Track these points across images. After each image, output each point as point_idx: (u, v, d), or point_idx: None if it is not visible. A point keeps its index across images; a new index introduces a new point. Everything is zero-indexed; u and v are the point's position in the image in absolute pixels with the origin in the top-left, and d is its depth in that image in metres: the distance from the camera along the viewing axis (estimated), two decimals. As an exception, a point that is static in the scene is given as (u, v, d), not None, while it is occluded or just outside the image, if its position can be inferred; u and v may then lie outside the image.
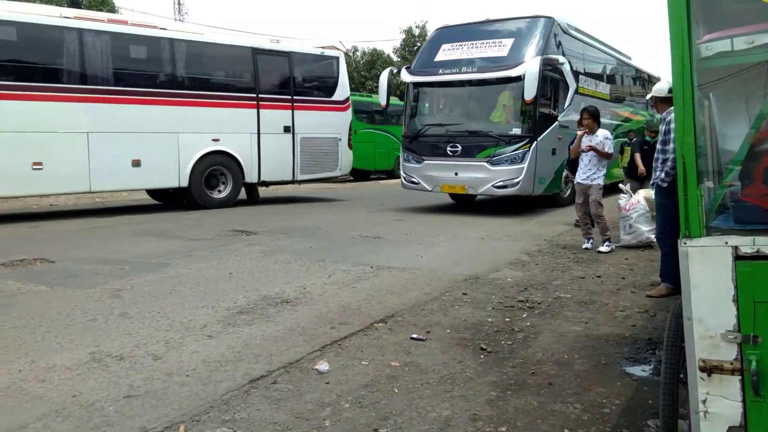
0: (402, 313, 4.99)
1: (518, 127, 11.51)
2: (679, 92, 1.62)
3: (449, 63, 12.12)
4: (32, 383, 3.49)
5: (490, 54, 11.74)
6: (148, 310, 5.04)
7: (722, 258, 1.60)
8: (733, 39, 1.72)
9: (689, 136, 1.61)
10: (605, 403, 3.24)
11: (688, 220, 1.63)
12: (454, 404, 3.25)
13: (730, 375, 1.59)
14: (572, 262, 7.15)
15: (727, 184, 1.73)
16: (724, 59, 1.73)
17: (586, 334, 4.46)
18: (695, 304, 1.64)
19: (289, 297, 5.44)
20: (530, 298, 5.45)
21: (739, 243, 1.60)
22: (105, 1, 31.54)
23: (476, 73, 11.71)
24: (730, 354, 1.60)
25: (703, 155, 1.71)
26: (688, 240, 1.65)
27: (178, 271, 6.60)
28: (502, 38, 11.90)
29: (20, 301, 5.40)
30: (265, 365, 3.80)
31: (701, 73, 1.72)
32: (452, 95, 12.75)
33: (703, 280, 1.63)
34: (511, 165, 11.27)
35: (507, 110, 11.67)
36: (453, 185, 11.82)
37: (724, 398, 1.60)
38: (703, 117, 2.01)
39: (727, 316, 1.60)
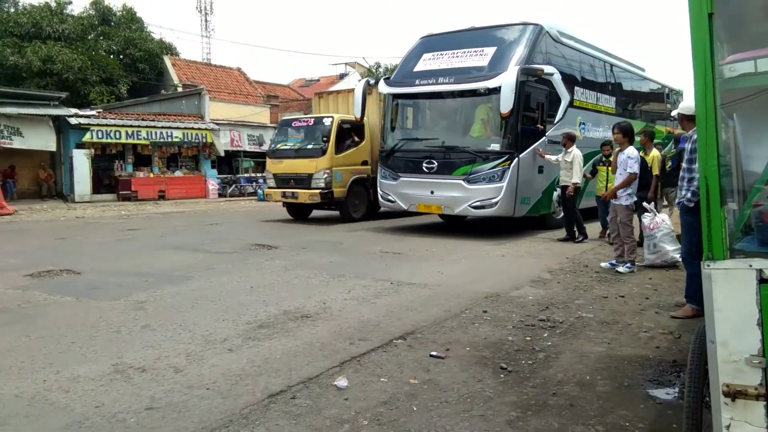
0: (422, 330, 4.97)
1: (497, 142, 10.63)
2: (702, 114, 1.60)
3: (427, 74, 11.33)
4: (56, 393, 3.55)
5: (470, 64, 10.93)
6: (171, 322, 5.10)
7: (746, 281, 1.58)
8: (756, 60, 1.70)
9: (712, 158, 1.60)
10: (628, 427, 3.18)
11: (711, 242, 1.61)
12: (473, 424, 3.21)
13: (754, 400, 1.56)
14: (595, 281, 7.06)
15: (754, 204, 1.70)
16: (748, 80, 1.72)
17: (608, 354, 4.39)
18: (719, 328, 1.61)
19: (309, 312, 5.46)
20: (552, 317, 5.39)
21: (763, 266, 1.57)
22: (134, 18, 32.27)
23: (453, 84, 10.87)
24: (755, 379, 1.57)
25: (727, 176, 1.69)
26: (711, 262, 1.63)
27: (200, 284, 6.67)
28: (485, 47, 11.06)
29: (47, 311, 5.50)
30: (284, 380, 3.81)
31: (725, 94, 1.71)
32: (429, 108, 12.00)
33: (727, 303, 1.60)
34: (489, 183, 10.44)
35: (486, 124, 10.90)
36: (429, 204, 11.10)
37: (749, 424, 1.56)
38: (728, 138, 1.99)
39: (751, 341, 1.57)
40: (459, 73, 10.86)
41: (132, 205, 20.78)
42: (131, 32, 31.05)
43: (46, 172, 22.53)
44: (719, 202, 1.60)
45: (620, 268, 7.55)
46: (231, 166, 27.86)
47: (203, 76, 30.84)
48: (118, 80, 29.07)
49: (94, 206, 19.76)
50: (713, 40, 1.59)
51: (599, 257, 8.57)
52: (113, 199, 22.20)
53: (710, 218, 1.60)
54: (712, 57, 1.58)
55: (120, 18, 31.89)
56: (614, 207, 7.73)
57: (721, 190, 1.60)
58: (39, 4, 29.01)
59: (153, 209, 19.26)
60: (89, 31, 30.54)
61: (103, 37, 30.99)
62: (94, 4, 31.28)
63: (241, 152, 27.57)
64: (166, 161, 24.88)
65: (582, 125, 12.94)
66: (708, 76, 1.58)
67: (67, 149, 21.94)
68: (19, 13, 28.84)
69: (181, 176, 24.65)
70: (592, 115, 13.46)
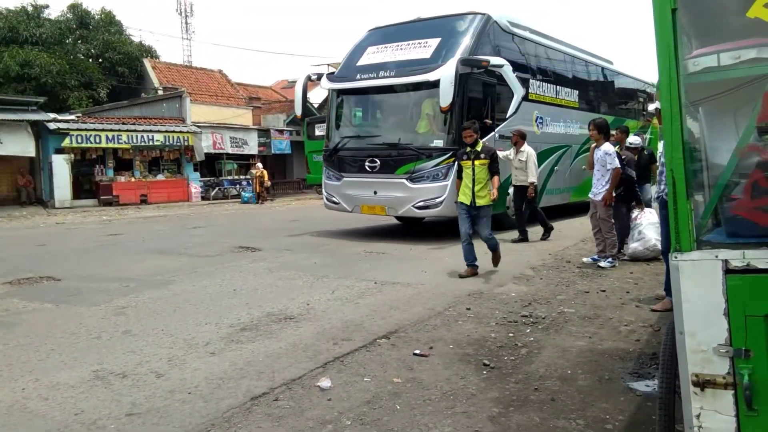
0: (405, 328, 4.97)
1: (440, 138, 10.03)
2: (666, 108, 1.63)
3: (368, 68, 10.76)
4: (35, 401, 3.51)
5: (412, 56, 10.33)
6: (152, 327, 5.06)
7: (713, 272, 1.60)
8: (719, 54, 1.73)
9: (678, 151, 1.62)
10: (608, 419, 3.21)
11: (679, 234, 1.64)
12: (456, 421, 3.23)
13: (723, 389, 1.59)
14: (577, 277, 7.12)
15: (720, 197, 1.73)
16: (712, 74, 1.74)
17: (589, 349, 4.43)
18: (687, 318, 1.63)
19: (293, 313, 5.45)
20: (534, 313, 5.43)
21: (729, 257, 1.60)
22: (113, 21, 31.94)
23: (393, 77, 10.28)
24: (723, 368, 1.59)
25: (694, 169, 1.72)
26: (679, 254, 1.65)
27: (182, 288, 6.62)
28: (429, 38, 10.48)
29: (26, 319, 5.43)
30: (267, 382, 3.79)
31: (689, 88, 1.73)
32: (371, 104, 11.41)
33: (694, 294, 1.63)
34: (433, 182, 9.84)
35: (431, 120, 10.25)
36: (372, 205, 10.46)
37: (718, 413, 1.59)
38: (694, 131, 2.02)
39: (718, 330, 1.60)
40: (400, 66, 10.32)
41: (113, 210, 20.57)
42: (110, 35, 30.75)
43: (24, 178, 22.21)
44: (686, 194, 1.62)
45: (602, 263, 7.62)
46: (214, 168, 27.69)
47: (184, 78, 30.60)
48: (98, 84, 28.77)
49: (74, 212, 19.52)
50: (677, 35, 1.61)
51: (581, 253, 8.65)
52: (94, 205, 21.96)
53: (677, 211, 1.63)
54: (676, 52, 1.61)
55: (98, 21, 31.55)
56: (593, 203, 7.80)
57: (688, 183, 1.63)
58: (15, 8, 28.63)
59: (135, 214, 19.08)
60: (67, 34, 30.18)
61: (82, 41, 30.66)
62: (71, 8, 30.93)
63: (224, 155, 27.40)
64: (148, 165, 24.65)
65: (539, 120, 12.45)
66: (672, 71, 1.60)
67: (46, 155, 21.67)
68: (-6, 17, 28.42)
69: (164, 180, 24.45)
70: (551, 110, 12.91)
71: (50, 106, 24.07)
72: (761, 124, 1.64)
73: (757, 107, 1.63)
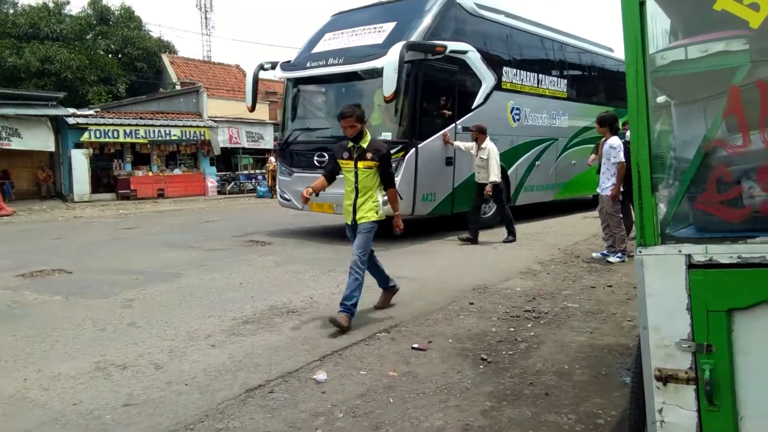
0: (406, 322, 4.98)
1: (389, 130, 9.27)
2: (633, 102, 1.61)
3: (320, 55, 10.06)
4: (36, 391, 3.58)
5: (366, 42, 9.61)
6: (157, 319, 5.12)
7: (676, 266, 1.58)
8: (687, 48, 1.70)
9: (643, 146, 1.60)
10: (600, 414, 3.19)
11: (643, 229, 1.62)
12: (447, 414, 3.23)
13: (685, 384, 1.57)
14: (585, 272, 7.06)
15: (685, 192, 1.71)
16: (679, 68, 1.72)
17: (589, 344, 4.40)
18: (651, 313, 1.62)
19: (296, 307, 5.48)
20: (537, 308, 5.40)
21: (692, 251, 1.58)
22: (132, 17, 32.29)
23: (341, 65, 9.56)
24: (685, 363, 1.58)
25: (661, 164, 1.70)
26: (643, 248, 1.64)
27: (190, 281, 6.69)
28: (385, 22, 9.72)
29: (35, 311, 5.54)
30: (263, 375, 3.83)
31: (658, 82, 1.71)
32: (321, 94, 10.82)
33: (658, 288, 1.61)
34: None
35: (383, 111, 9.49)
36: (321, 203, 9.35)
37: (680, 408, 1.57)
38: (665, 125, 2.00)
39: (681, 325, 1.58)
40: (351, 53, 9.62)
41: (131, 204, 20.82)
42: (129, 31, 31.10)
43: (44, 172, 22.58)
44: (651, 189, 1.60)
45: (611, 258, 7.55)
46: (230, 163, 27.88)
47: (201, 73, 30.86)
48: (117, 79, 29.14)
49: (92, 206, 19.81)
50: (645, 29, 1.59)
51: (592, 248, 8.56)
52: (112, 199, 22.24)
53: (642, 205, 1.61)
54: (644, 46, 1.58)
55: (118, 17, 31.92)
56: (600, 197, 7.72)
57: (653, 177, 1.61)
58: (37, 5, 29.08)
59: (151, 208, 19.31)
60: (87, 30, 30.61)
61: (101, 37, 31.04)
62: (91, 4, 31.34)
63: (240, 149, 27.57)
64: (165, 159, 24.88)
65: (515, 111, 11.56)
66: (639, 65, 1.58)
67: (65, 149, 21.97)
68: (17, 14, 28.89)
69: (180, 174, 24.66)
70: (531, 100, 11.97)
71: (70, 101, 24.44)
72: (727, 117, 1.61)
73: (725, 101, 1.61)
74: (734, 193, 1.65)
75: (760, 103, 1.54)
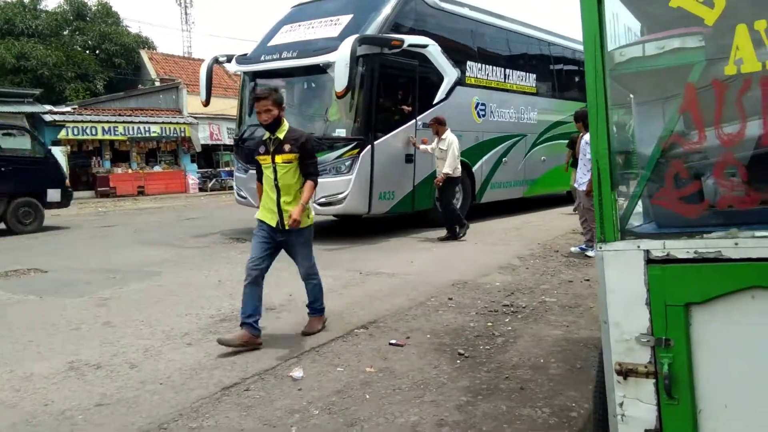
0: (384, 318, 4.98)
1: (344, 127, 9.11)
2: (592, 99, 1.62)
3: (275, 48, 9.80)
4: (7, 392, 3.53)
5: (321, 35, 9.34)
6: (132, 318, 5.07)
7: (635, 261, 1.60)
8: (644, 45, 1.72)
9: (603, 142, 1.62)
10: (574, 407, 3.22)
11: (603, 225, 1.64)
12: (423, 410, 3.24)
13: (644, 378, 1.59)
14: (563, 266, 7.12)
15: (643, 188, 1.73)
16: (637, 64, 1.73)
17: (565, 338, 4.44)
18: (611, 308, 1.64)
19: (274, 304, 5.46)
20: (515, 303, 5.43)
21: (650, 246, 1.60)
22: (110, 12, 31.85)
23: (293, 59, 9.28)
24: (644, 357, 1.60)
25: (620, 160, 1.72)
26: (603, 244, 1.65)
27: (167, 279, 6.64)
28: (342, 15, 9.48)
29: (8, 311, 5.45)
30: (240, 373, 3.81)
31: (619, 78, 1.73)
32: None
33: (618, 283, 1.63)
34: (336, 176, 8.87)
35: (342, 106, 9.27)
36: None
37: (640, 401, 1.60)
38: (624, 121, 2.02)
39: (640, 320, 1.60)
40: (305, 46, 9.31)
41: (110, 201, 20.60)
42: (107, 27, 30.68)
43: (22, 170, 22.24)
44: (610, 184, 1.62)
45: (589, 253, 7.61)
46: (211, 160, 27.68)
47: (181, 69, 30.51)
48: (94, 76, 28.74)
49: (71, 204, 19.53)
50: (603, 25, 1.60)
51: (570, 242, 8.64)
52: (91, 196, 21.99)
53: (602, 201, 1.63)
54: (602, 42, 1.60)
55: (95, 13, 31.47)
56: (577, 193, 7.79)
57: (612, 173, 1.63)
58: (11, 1, 28.54)
59: (131, 205, 19.11)
60: (63, 26, 30.14)
61: (78, 33, 30.58)
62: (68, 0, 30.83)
63: (221, 146, 27.37)
64: (145, 157, 24.65)
65: (480, 107, 11.31)
66: (597, 62, 1.59)
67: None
68: (-10, 9, 28.38)
69: (161, 171, 24.47)
70: (498, 95, 11.73)
71: (47, 98, 24.05)
72: (683, 114, 1.63)
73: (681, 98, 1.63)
74: (691, 189, 1.67)
75: (715, 99, 1.56)
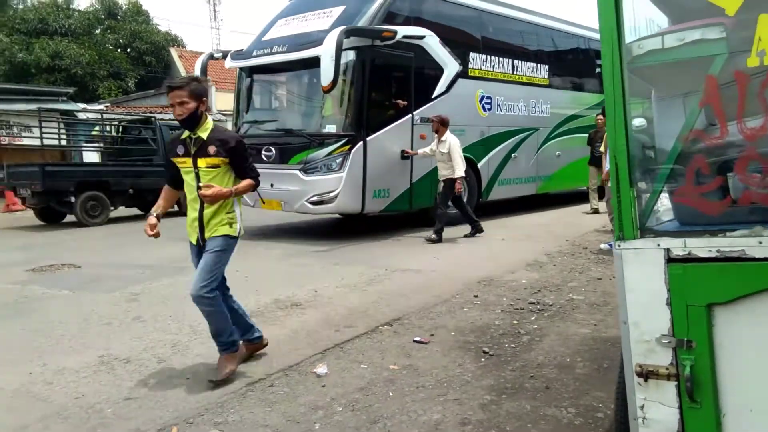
0: (409, 315, 4.98)
1: (334, 122, 8.84)
2: (609, 93, 1.58)
3: (267, 43, 9.55)
4: (40, 386, 3.62)
5: (313, 28, 8.99)
6: (161, 313, 5.16)
7: (655, 260, 1.56)
8: (663, 37, 1.67)
9: (621, 137, 1.58)
10: (600, 408, 3.18)
11: (622, 222, 1.60)
12: (446, 408, 3.23)
13: (666, 380, 1.55)
14: (592, 263, 7.02)
15: (664, 184, 1.68)
16: (656, 57, 1.68)
17: (593, 336, 4.38)
18: (630, 308, 1.60)
19: (300, 300, 5.50)
20: (542, 300, 5.37)
21: (671, 245, 1.56)
22: (140, 11, 32.36)
23: (283, 53, 9.06)
24: (666, 359, 1.56)
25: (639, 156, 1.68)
26: (622, 242, 1.62)
27: (195, 275, 6.72)
28: (335, 6, 9.16)
29: (42, 305, 5.60)
30: (265, 368, 3.85)
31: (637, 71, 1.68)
32: (268, 84, 10.36)
33: (637, 283, 1.59)
34: (327, 174, 8.60)
35: (332, 102, 9.03)
36: (270, 199, 9.13)
37: (662, 404, 1.56)
38: (645, 116, 1.97)
39: (661, 320, 1.56)
40: (296, 40, 9.06)
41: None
42: (137, 25, 31.15)
43: (57, 167, 22.79)
44: (629, 181, 1.58)
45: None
46: (240, 156, 27.90)
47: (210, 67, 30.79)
48: (126, 74, 29.24)
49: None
50: (621, 17, 1.56)
51: (600, 239, 8.51)
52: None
53: (620, 198, 1.59)
54: (620, 33, 1.55)
55: (126, 11, 31.99)
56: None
57: (631, 170, 1.59)
58: (45, 0, 29.20)
59: (162, 201, 19.42)
60: (95, 25, 30.71)
61: (110, 31, 31.11)
62: (99, -1, 31.42)
63: (250, 142, 27.60)
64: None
65: (486, 100, 10.89)
66: (615, 55, 1.55)
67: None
68: (25, 9, 29.07)
69: (191, 168, 24.77)
70: (505, 88, 11.23)
71: (80, 96, 24.58)
72: (704, 108, 1.58)
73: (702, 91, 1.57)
74: (713, 185, 1.62)
75: (737, 93, 1.51)
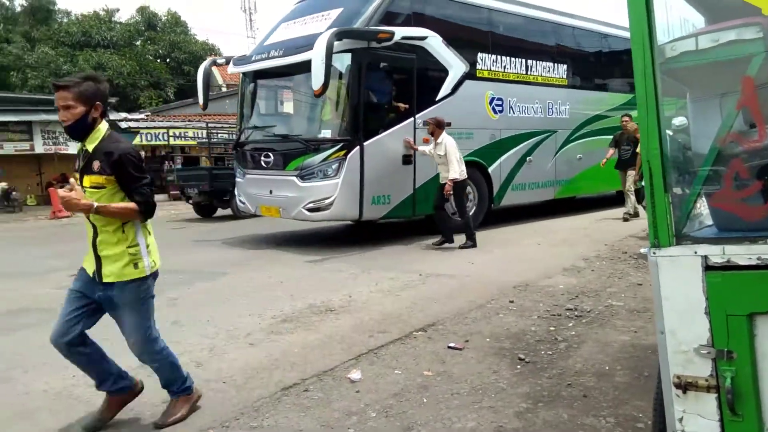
0: (443, 321, 4.94)
1: (330, 127, 8.65)
2: (642, 95, 1.53)
3: (266, 48, 9.42)
4: (82, 389, 3.72)
5: (310, 31, 8.68)
6: (199, 318, 5.24)
7: (692, 268, 1.50)
8: (697, 38, 1.61)
9: (654, 142, 1.52)
10: (640, 418, 3.09)
11: (657, 229, 1.54)
12: (481, 415, 3.19)
13: (705, 392, 1.49)
14: (632, 268, 6.85)
15: (700, 189, 1.62)
16: (690, 59, 1.62)
17: (632, 344, 4.27)
18: (667, 317, 1.54)
19: (334, 305, 5.52)
20: (580, 306, 5.27)
21: (708, 252, 1.49)
22: (179, 22, 33.17)
23: (279, 58, 8.87)
24: (705, 370, 1.49)
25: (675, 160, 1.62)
26: (657, 249, 1.56)
27: (231, 279, 6.83)
28: (333, 9, 8.90)
29: (85, 309, 5.73)
30: (299, 373, 3.87)
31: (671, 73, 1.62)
32: (267, 89, 10.22)
33: (674, 291, 1.53)
34: (323, 180, 8.39)
35: (328, 106, 8.83)
36: (269, 206, 9.14)
37: (701, 417, 1.49)
38: (681, 119, 1.90)
39: (699, 330, 1.50)
40: (292, 44, 8.81)
41: (182, 204, 21.38)
42: (176, 36, 31.95)
43: (100, 175, 23.48)
44: (663, 187, 1.53)
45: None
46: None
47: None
48: (165, 83, 29.97)
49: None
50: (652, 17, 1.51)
51: (641, 243, 8.30)
52: (165, 200, 22.93)
53: (654, 204, 1.53)
54: (651, 35, 1.50)
55: (165, 23, 32.85)
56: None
57: (666, 175, 1.53)
58: (88, 14, 30.20)
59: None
60: (136, 37, 31.64)
61: (150, 42, 32.00)
62: (140, 11, 32.32)
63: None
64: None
65: (496, 102, 10.42)
66: (647, 57, 1.49)
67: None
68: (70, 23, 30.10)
69: (228, 175, 25.22)
70: (518, 89, 10.72)
71: (123, 106, 25.30)
72: (741, 110, 1.52)
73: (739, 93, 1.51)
74: (753, 190, 1.55)
75: None
